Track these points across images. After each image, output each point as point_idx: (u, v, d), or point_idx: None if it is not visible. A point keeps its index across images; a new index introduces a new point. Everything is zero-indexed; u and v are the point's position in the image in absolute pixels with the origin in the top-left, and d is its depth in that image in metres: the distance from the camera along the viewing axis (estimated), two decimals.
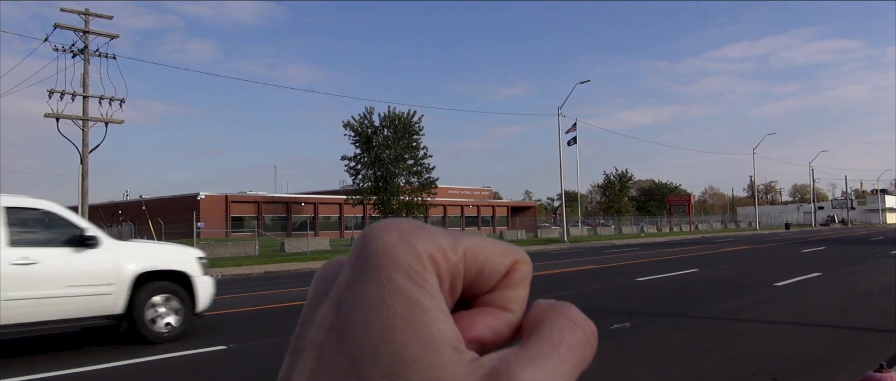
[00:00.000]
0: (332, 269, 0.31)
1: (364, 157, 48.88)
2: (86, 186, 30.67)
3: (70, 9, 30.74)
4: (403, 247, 0.28)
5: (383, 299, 0.27)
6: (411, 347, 0.26)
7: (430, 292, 0.28)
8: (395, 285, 0.27)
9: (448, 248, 0.29)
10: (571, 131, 47.97)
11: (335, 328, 0.27)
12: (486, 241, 0.31)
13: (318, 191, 71.59)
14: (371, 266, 0.28)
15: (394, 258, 0.28)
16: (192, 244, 29.37)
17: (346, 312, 0.27)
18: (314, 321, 0.29)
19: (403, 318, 0.26)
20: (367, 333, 0.26)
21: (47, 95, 29.44)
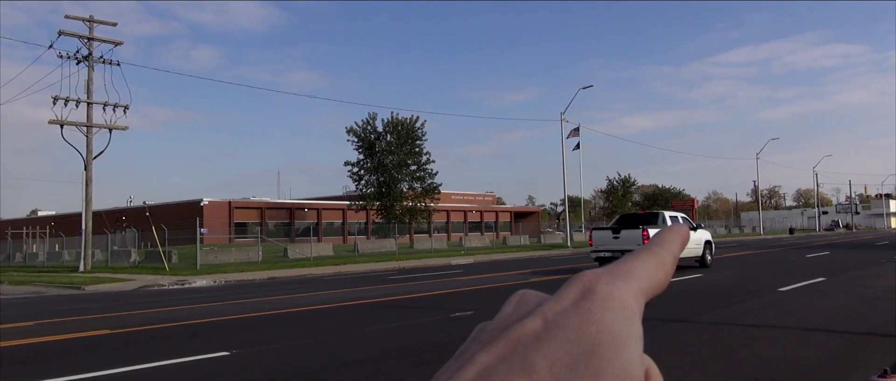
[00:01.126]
0: (532, 297, 0.35)
1: (367, 162, 48.93)
2: (90, 193, 30.74)
3: (75, 15, 30.88)
4: (621, 290, 0.32)
5: (598, 329, 0.30)
6: (608, 370, 0.29)
7: (635, 335, 0.31)
8: (610, 320, 0.31)
9: (644, 290, 0.34)
10: (574, 136, 47.95)
11: (539, 337, 0.30)
12: (660, 266, 0.36)
13: (322, 197, 71.63)
14: (592, 301, 0.31)
15: (615, 300, 0.32)
16: (196, 251, 29.47)
17: (556, 327, 0.30)
18: (506, 327, 0.32)
19: (610, 347, 0.29)
20: (574, 347, 0.29)
21: (52, 102, 29.57)
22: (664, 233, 0.39)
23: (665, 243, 0.37)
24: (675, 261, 0.37)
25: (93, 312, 13.44)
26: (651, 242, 0.38)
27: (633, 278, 0.34)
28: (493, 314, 0.35)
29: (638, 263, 0.35)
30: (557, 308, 0.32)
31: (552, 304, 0.32)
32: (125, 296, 18.45)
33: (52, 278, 26.85)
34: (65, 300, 17.62)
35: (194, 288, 20.70)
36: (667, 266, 0.36)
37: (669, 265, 0.36)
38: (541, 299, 0.35)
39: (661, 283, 0.36)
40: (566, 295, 0.33)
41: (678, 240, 0.38)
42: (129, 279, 23.88)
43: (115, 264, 32.31)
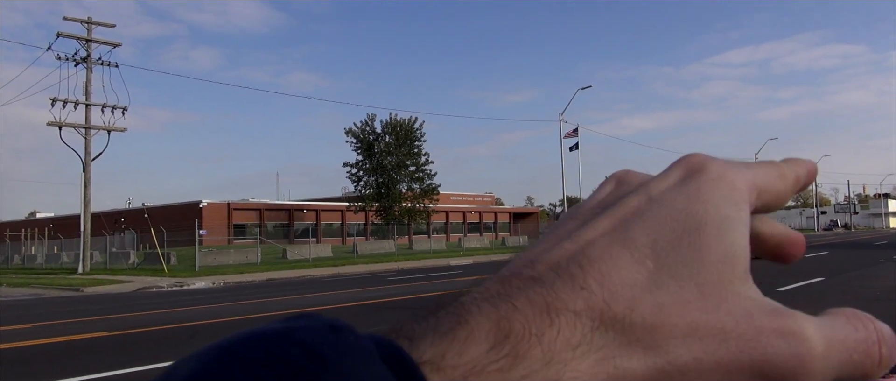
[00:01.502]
0: (634, 177, 0.34)
1: (366, 163, 48.95)
2: (88, 194, 30.72)
3: (73, 17, 30.88)
4: (733, 174, 0.31)
5: (705, 208, 0.29)
6: (713, 250, 0.28)
7: (743, 219, 0.30)
8: (719, 200, 0.29)
9: (758, 186, 0.32)
10: (573, 137, 47.95)
11: (642, 213, 0.29)
12: (780, 176, 0.34)
13: (321, 198, 71.61)
14: (699, 179, 0.30)
15: (725, 181, 0.30)
16: (195, 252, 29.44)
17: (660, 205, 0.29)
18: (607, 205, 0.31)
19: (716, 228, 0.28)
20: (678, 225, 0.28)
21: (50, 104, 29.56)
22: (794, 159, 0.36)
23: (792, 162, 0.35)
24: (796, 183, 0.34)
25: (92, 314, 13.42)
26: (783, 160, 0.36)
27: (750, 170, 0.32)
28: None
29: (758, 164, 0.34)
30: (663, 186, 0.31)
31: (657, 182, 0.31)
32: (124, 298, 18.44)
33: (51, 279, 26.83)
34: (63, 302, 17.61)
35: (193, 290, 20.69)
36: (787, 180, 0.34)
37: (790, 182, 0.34)
38: (643, 178, 0.33)
39: (778, 193, 0.33)
40: (672, 173, 0.32)
41: (805, 167, 0.36)
42: (127, 281, 23.87)
43: (113, 266, 32.28)
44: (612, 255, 0.28)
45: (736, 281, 0.28)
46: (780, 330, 0.28)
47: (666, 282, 0.27)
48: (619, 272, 0.27)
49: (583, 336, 0.26)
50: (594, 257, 0.28)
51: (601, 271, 0.27)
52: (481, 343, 0.26)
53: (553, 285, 0.27)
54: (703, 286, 0.27)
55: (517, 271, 0.28)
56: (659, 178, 0.31)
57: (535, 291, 0.27)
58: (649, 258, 0.28)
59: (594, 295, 0.27)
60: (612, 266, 0.27)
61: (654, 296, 0.27)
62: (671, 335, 0.26)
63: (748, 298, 0.29)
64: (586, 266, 0.27)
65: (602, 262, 0.27)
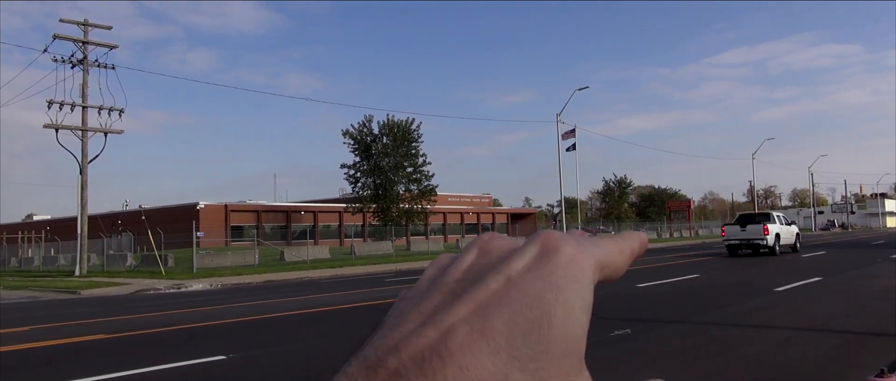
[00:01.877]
0: (496, 246, 0.36)
1: (363, 165, 48.94)
2: (85, 197, 30.67)
3: (69, 19, 30.84)
4: (582, 256, 0.33)
5: (556, 296, 0.31)
6: (558, 343, 0.30)
7: (587, 306, 0.32)
8: (567, 286, 0.31)
9: (602, 263, 0.35)
10: (570, 138, 47.97)
11: (501, 298, 0.31)
12: (619, 252, 0.37)
13: (318, 199, 71.57)
14: (553, 261, 0.32)
15: (575, 264, 0.32)
16: (192, 254, 29.39)
17: (517, 289, 0.31)
18: (471, 282, 0.33)
19: (563, 318, 0.30)
20: (531, 313, 0.30)
21: (47, 106, 29.51)
22: (625, 232, 0.40)
23: (627, 237, 0.39)
24: (631, 255, 0.38)
25: (89, 316, 13.39)
26: (618, 235, 0.39)
27: (596, 248, 0.35)
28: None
29: (602, 242, 0.36)
30: (521, 266, 0.32)
31: (517, 259, 0.33)
32: (121, 300, 18.40)
33: (48, 282, 26.76)
34: (61, 305, 17.56)
35: (191, 292, 20.65)
36: (625, 255, 0.37)
37: (627, 254, 0.37)
38: (505, 250, 0.35)
39: (617, 267, 0.36)
40: (529, 250, 0.33)
41: (638, 240, 0.39)
42: (125, 283, 23.83)
43: (111, 269, 32.22)
44: (470, 346, 0.29)
45: (573, 373, 0.30)
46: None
47: (515, 376, 0.29)
48: (475, 366, 0.28)
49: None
50: (454, 350, 0.29)
51: (460, 366, 0.28)
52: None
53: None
54: (545, 379, 0.29)
55: (382, 359, 0.29)
56: (518, 255, 0.33)
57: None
58: (503, 350, 0.29)
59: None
60: (470, 360, 0.28)
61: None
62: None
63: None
64: (447, 359, 0.28)
65: (461, 355, 0.28)
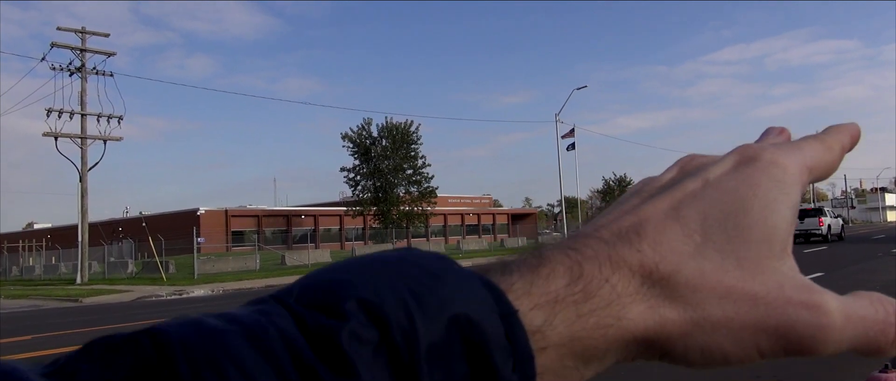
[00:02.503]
0: (696, 161, 0.38)
1: (363, 168, 48.93)
2: (85, 204, 30.66)
3: (67, 27, 30.86)
4: (785, 158, 0.35)
5: (754, 192, 0.33)
6: (755, 230, 0.33)
7: (790, 202, 0.34)
8: (768, 184, 0.34)
9: (809, 165, 0.36)
10: (570, 137, 47.99)
11: (697, 195, 0.34)
12: (827, 150, 0.38)
13: (318, 203, 71.55)
14: (752, 166, 0.35)
15: (777, 166, 0.35)
16: (193, 260, 29.39)
17: (714, 188, 0.34)
18: (669, 186, 0.36)
19: (761, 210, 0.33)
20: (726, 206, 0.33)
21: (46, 114, 29.51)
22: (835, 126, 0.40)
23: (835, 131, 0.39)
24: (842, 151, 0.38)
25: (91, 324, 13.38)
26: (825, 131, 0.39)
27: (800, 151, 0.36)
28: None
29: (806, 142, 0.38)
30: (719, 172, 0.35)
31: (715, 168, 0.35)
32: (123, 307, 18.38)
33: (50, 291, 26.75)
34: (63, 313, 17.55)
35: (192, 298, 20.64)
36: (834, 151, 0.38)
37: (837, 152, 0.38)
38: (705, 163, 0.37)
39: (827, 165, 0.37)
40: (729, 160, 0.36)
41: (848, 132, 0.39)
42: (126, 291, 23.81)
43: (112, 276, 32.21)
44: (665, 228, 0.33)
45: (773, 258, 0.32)
46: (805, 303, 0.31)
47: (709, 253, 0.32)
48: (669, 242, 0.32)
49: (636, 288, 0.32)
50: (650, 229, 0.33)
51: (655, 240, 0.32)
52: (561, 279, 0.31)
53: (615, 246, 0.33)
54: (742, 260, 0.32)
55: (587, 232, 0.34)
56: (717, 164, 0.36)
57: (602, 248, 0.33)
58: (697, 233, 0.32)
59: (647, 257, 0.32)
60: (664, 236, 0.32)
61: (697, 263, 0.32)
62: (708, 296, 0.31)
63: (782, 273, 0.32)
64: (643, 234, 0.33)
65: (657, 232, 0.33)
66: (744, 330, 0.32)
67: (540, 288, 0.31)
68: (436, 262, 0.30)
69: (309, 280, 0.30)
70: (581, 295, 0.31)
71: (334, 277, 0.29)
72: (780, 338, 0.31)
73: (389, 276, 0.28)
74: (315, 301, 0.28)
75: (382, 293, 0.27)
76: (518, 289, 0.31)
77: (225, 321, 0.28)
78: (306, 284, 0.30)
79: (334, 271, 0.30)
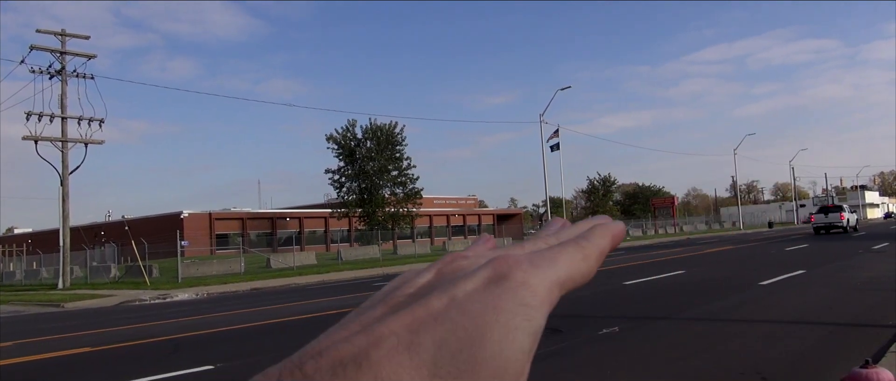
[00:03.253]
0: (455, 267, 0.36)
1: (348, 169, 48.83)
2: (67, 208, 30.31)
3: (46, 29, 30.51)
4: (536, 278, 0.33)
5: (496, 318, 0.31)
6: (488, 365, 0.30)
7: (534, 329, 0.32)
8: (513, 309, 0.31)
9: (562, 281, 0.34)
10: (554, 138, 48.18)
11: (438, 317, 0.31)
12: (584, 259, 0.36)
13: (303, 205, 71.30)
14: (502, 286, 0.32)
15: (527, 288, 0.32)
16: (177, 264, 29.14)
17: (458, 310, 0.31)
18: (418, 296, 0.33)
19: (500, 341, 0.30)
20: (465, 334, 0.30)
21: (25, 118, 29.14)
22: (597, 228, 0.38)
23: (594, 237, 0.37)
24: (600, 256, 0.37)
25: (73, 329, 13.23)
26: (581, 235, 0.38)
27: (554, 267, 0.34)
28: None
29: (563, 253, 0.35)
30: (468, 288, 0.32)
31: (466, 282, 0.33)
32: (106, 312, 18.20)
33: (31, 296, 26.43)
34: (44, 319, 17.34)
35: (176, 302, 20.47)
36: (591, 259, 0.36)
37: (594, 259, 0.36)
38: (460, 269, 0.35)
39: (582, 275, 0.36)
40: (482, 274, 0.33)
41: (610, 236, 0.38)
42: (109, 295, 23.57)
43: (94, 280, 31.87)
44: (391, 359, 0.29)
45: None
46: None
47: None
48: (391, 378, 0.29)
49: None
50: (375, 359, 0.29)
51: (376, 376, 0.29)
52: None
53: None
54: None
55: (302, 362, 0.30)
56: (469, 278, 0.33)
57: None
58: (426, 366, 0.29)
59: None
60: (388, 371, 0.29)
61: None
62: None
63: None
64: (365, 368, 0.29)
65: (379, 366, 0.29)
66: None
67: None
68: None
69: None
70: None
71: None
72: None
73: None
74: None
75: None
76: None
77: None
78: None
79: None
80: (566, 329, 8.94)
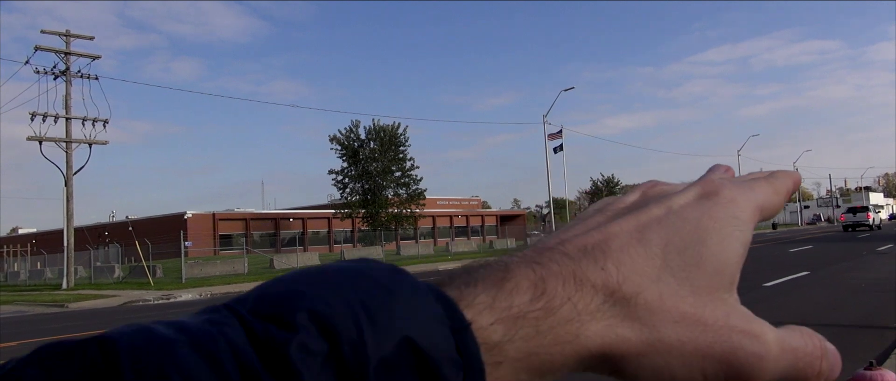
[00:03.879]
0: (659, 188, 0.41)
1: (351, 170, 48.85)
2: (71, 209, 30.40)
3: (51, 30, 30.61)
4: (742, 197, 0.38)
5: (713, 225, 0.36)
6: (710, 261, 0.35)
7: (743, 238, 0.37)
8: (725, 219, 0.36)
9: (761, 205, 0.39)
10: (557, 138, 48.12)
11: (661, 221, 0.36)
12: (775, 193, 0.41)
13: (307, 206, 71.29)
14: (713, 200, 0.37)
15: (735, 204, 0.37)
16: (181, 264, 29.21)
17: (677, 216, 0.36)
18: (634, 208, 0.38)
19: (718, 242, 0.35)
20: (687, 235, 0.35)
21: (30, 118, 29.24)
22: (780, 172, 0.43)
23: (782, 176, 0.42)
24: (787, 195, 0.41)
25: (77, 329, 13.27)
26: (771, 174, 0.42)
27: (753, 192, 0.39)
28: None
29: (759, 184, 0.40)
30: (682, 201, 0.37)
31: (678, 197, 0.37)
32: (110, 312, 18.24)
33: (35, 296, 26.50)
34: (49, 319, 17.38)
35: (180, 302, 20.51)
36: (780, 195, 0.41)
37: (782, 196, 0.41)
38: (667, 190, 0.40)
39: (774, 207, 0.40)
40: (691, 191, 0.38)
41: (791, 179, 0.42)
42: (113, 295, 23.63)
43: (98, 281, 31.94)
44: (630, 248, 0.34)
45: (722, 289, 0.35)
46: (748, 331, 0.34)
47: (668, 278, 0.34)
48: (633, 263, 0.34)
49: (597, 306, 0.33)
50: (615, 248, 0.34)
51: (619, 259, 0.34)
52: (524, 294, 0.32)
53: (580, 262, 0.34)
54: (697, 287, 0.34)
55: (552, 246, 0.35)
56: (680, 193, 0.38)
57: (566, 263, 0.33)
58: (659, 257, 0.34)
59: (610, 276, 0.33)
60: (629, 257, 0.34)
61: (656, 286, 0.33)
62: (664, 319, 0.33)
63: (729, 303, 0.35)
64: (608, 253, 0.34)
65: (621, 252, 0.34)
66: (693, 354, 0.33)
67: (503, 302, 0.32)
68: (390, 275, 0.31)
69: (264, 289, 0.31)
70: (542, 312, 0.32)
71: (289, 287, 0.30)
72: (723, 363, 0.33)
73: (344, 288, 0.29)
74: (267, 311, 0.29)
75: (334, 306, 0.28)
76: (481, 302, 0.31)
77: (174, 329, 0.28)
78: (261, 293, 0.30)
79: (290, 282, 0.30)
80: None
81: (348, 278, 0.30)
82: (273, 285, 0.31)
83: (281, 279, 0.31)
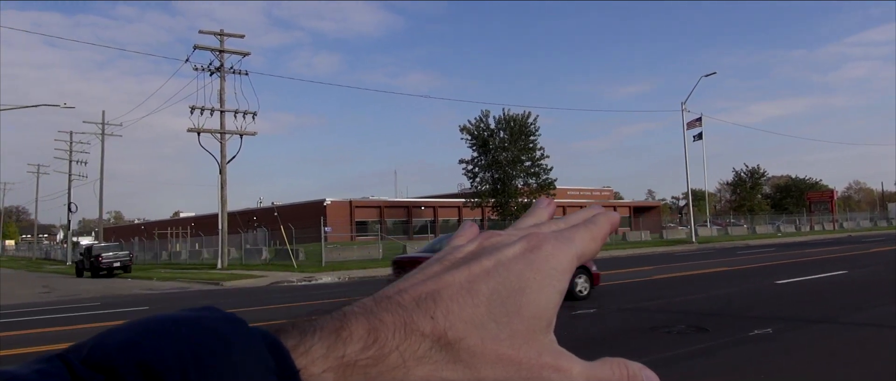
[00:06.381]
0: (494, 240, 0.45)
1: (481, 160, 49.11)
2: (224, 195, 32.86)
3: (207, 30, 33.12)
4: (561, 252, 0.42)
5: (534, 276, 0.40)
6: (529, 308, 0.39)
7: (560, 288, 0.41)
8: (546, 271, 0.41)
9: (579, 254, 0.44)
10: (696, 126, 45.84)
11: (489, 272, 0.40)
12: (592, 240, 0.45)
13: (438, 194, 72.69)
14: (536, 254, 0.41)
15: (555, 257, 0.42)
16: (321, 248, 30.75)
17: (504, 268, 0.40)
18: (467, 259, 0.42)
19: (537, 292, 0.40)
20: (511, 285, 0.40)
21: (190, 111, 31.89)
22: (600, 216, 0.47)
23: (600, 224, 0.46)
24: (603, 240, 0.46)
25: (231, 306, 14.17)
26: (590, 219, 0.47)
27: (572, 244, 0.43)
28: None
29: (579, 232, 0.45)
30: (510, 255, 0.41)
31: (507, 250, 0.41)
32: (260, 291, 19.56)
33: (194, 274, 28.98)
34: (206, 296, 18.95)
35: (320, 284, 21.61)
36: (597, 242, 0.45)
37: (598, 242, 0.45)
38: (499, 243, 0.43)
39: (592, 253, 0.45)
40: (519, 246, 0.42)
41: (609, 224, 0.47)
42: (261, 276, 25.34)
43: (248, 262, 34.35)
44: (459, 298, 0.38)
45: (539, 331, 0.39)
46: (556, 366, 0.39)
47: (490, 324, 0.38)
48: (461, 311, 0.38)
49: (425, 351, 0.36)
50: (445, 297, 0.38)
51: (448, 308, 0.38)
52: (357, 343, 0.36)
53: (412, 312, 0.38)
54: (515, 331, 0.38)
55: (390, 295, 0.39)
56: (509, 247, 0.42)
57: (400, 313, 0.37)
58: (484, 305, 0.38)
59: (438, 324, 0.37)
60: (457, 306, 0.38)
61: (479, 332, 0.38)
62: (484, 361, 0.37)
63: (543, 343, 0.39)
64: (439, 302, 0.38)
65: (451, 301, 0.38)
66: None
67: (337, 351, 0.35)
68: (225, 324, 0.34)
69: (100, 339, 0.31)
70: (372, 359, 0.35)
71: (124, 337, 0.31)
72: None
73: (177, 338, 0.31)
74: (99, 362, 0.30)
75: (165, 357, 0.30)
76: (315, 351, 0.35)
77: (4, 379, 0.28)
78: (97, 343, 0.31)
79: (127, 332, 0.32)
80: (713, 328, 8.50)
81: (183, 327, 0.32)
82: (110, 334, 0.32)
83: (120, 329, 0.32)
